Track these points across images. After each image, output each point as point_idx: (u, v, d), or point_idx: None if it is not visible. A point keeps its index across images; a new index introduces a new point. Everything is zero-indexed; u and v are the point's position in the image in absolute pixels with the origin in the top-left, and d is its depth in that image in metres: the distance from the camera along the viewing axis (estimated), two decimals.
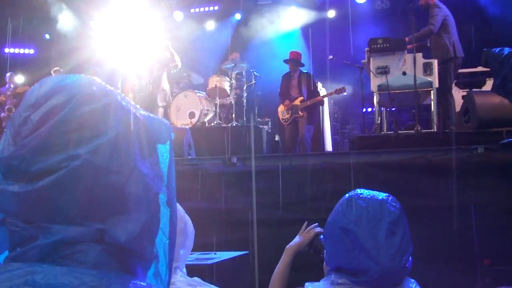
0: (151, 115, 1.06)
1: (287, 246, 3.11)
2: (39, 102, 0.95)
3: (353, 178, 5.55)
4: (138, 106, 1.04)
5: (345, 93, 9.07)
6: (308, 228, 3.14)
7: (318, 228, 3.20)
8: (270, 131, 10.27)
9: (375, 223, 1.92)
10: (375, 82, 7.44)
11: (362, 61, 8.03)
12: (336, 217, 2.03)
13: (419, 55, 7.34)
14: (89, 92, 0.97)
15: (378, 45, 7.41)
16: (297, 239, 3.13)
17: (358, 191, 2.06)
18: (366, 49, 7.70)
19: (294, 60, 9.10)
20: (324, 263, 2.81)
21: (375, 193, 2.04)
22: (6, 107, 9.98)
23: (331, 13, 12.91)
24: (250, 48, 12.54)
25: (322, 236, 3.15)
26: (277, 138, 10.43)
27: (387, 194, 2.03)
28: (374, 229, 1.91)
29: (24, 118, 0.94)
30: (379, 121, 7.42)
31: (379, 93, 7.49)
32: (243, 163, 6.06)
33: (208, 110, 9.83)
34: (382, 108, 8.10)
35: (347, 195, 2.07)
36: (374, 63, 7.46)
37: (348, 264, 1.96)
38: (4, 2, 13.06)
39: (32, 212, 0.92)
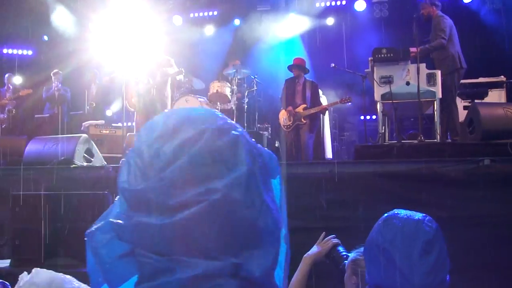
0: (264, 148, 1.07)
1: (305, 256, 3.14)
2: (168, 134, 0.96)
3: (359, 187, 5.59)
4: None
5: (349, 103, 9.10)
6: (326, 238, 3.17)
7: (335, 239, 3.22)
8: (270, 137, 10.30)
9: (409, 243, 1.95)
10: (378, 92, 7.48)
11: (366, 70, 8.08)
12: (374, 236, 2.07)
13: (423, 66, 7.39)
14: (218, 125, 0.97)
15: (382, 55, 7.45)
16: (315, 249, 3.16)
17: (396, 211, 2.10)
18: (369, 58, 7.75)
19: (298, 66, 9.12)
20: (345, 276, 2.84)
21: (412, 213, 2.07)
22: (6, 109, 9.92)
23: (330, 21, 12.95)
24: (250, 53, 12.56)
25: (339, 247, 3.19)
26: (277, 144, 10.46)
27: (424, 214, 2.06)
28: (409, 248, 1.94)
29: (155, 149, 0.94)
30: (383, 130, 7.47)
31: (382, 103, 7.54)
32: None
33: None
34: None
35: (385, 214, 2.10)
36: (378, 73, 7.51)
37: (385, 283, 1.99)
38: (3, 3, 13.01)
39: (168, 245, 0.91)
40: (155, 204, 0.92)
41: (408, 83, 7.33)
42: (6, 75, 11.22)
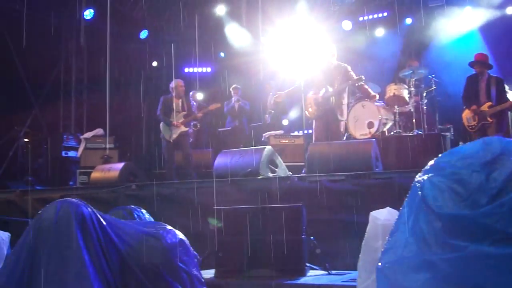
0: None
1: None
2: (493, 161, 0.95)
3: None
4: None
5: None
6: None
7: None
8: (453, 138, 9.83)
9: None
10: None
11: None
12: None
13: None
14: None
15: None
16: None
17: None
18: None
19: (480, 62, 8.62)
20: None
21: None
22: (192, 123, 10.49)
23: (510, 10, 12.07)
24: (425, 53, 12.16)
25: None
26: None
27: None
28: None
29: (485, 175, 0.94)
30: None
31: None
32: None
33: (386, 119, 9.68)
34: None
35: None
36: None
37: None
38: (181, 25, 13.93)
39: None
40: (491, 231, 0.88)
41: None
42: (191, 93, 11.95)
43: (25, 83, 12.95)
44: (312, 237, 4.77)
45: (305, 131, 9.43)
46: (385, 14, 13.41)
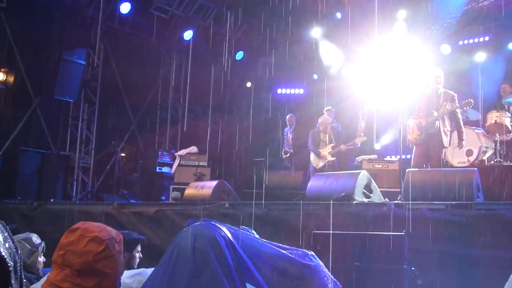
0: None
1: None
2: None
3: None
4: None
5: None
6: None
7: None
8: None
9: None
10: None
11: None
12: None
13: None
14: None
15: None
16: None
17: None
18: None
19: None
20: None
21: None
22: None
23: None
24: None
25: None
26: None
27: None
28: None
29: None
30: None
31: None
32: None
33: (486, 147, 9.31)
34: None
35: None
36: None
37: None
38: (276, 47, 14.06)
39: None
40: None
41: None
42: (288, 116, 12.05)
43: (125, 100, 13.48)
44: (413, 268, 4.61)
45: (400, 156, 9.20)
46: (487, 38, 12.94)
